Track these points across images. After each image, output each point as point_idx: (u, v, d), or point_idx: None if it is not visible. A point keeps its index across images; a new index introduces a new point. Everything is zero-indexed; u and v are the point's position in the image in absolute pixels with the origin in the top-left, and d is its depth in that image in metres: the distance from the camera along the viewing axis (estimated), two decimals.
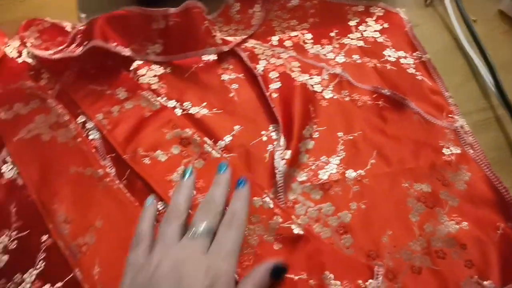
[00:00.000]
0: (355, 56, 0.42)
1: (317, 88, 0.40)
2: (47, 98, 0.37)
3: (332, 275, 0.27)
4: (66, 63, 0.40)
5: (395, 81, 0.40)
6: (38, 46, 0.42)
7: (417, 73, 0.41)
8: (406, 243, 0.30)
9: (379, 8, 0.47)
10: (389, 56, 0.42)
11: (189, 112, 0.38)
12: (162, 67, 0.41)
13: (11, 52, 0.41)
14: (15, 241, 0.30)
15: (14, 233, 0.30)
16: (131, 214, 0.30)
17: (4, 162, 0.34)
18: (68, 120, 0.36)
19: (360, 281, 0.26)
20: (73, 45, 0.40)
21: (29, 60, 0.41)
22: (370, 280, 0.26)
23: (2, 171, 0.33)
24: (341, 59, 0.42)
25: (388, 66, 0.41)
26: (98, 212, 0.31)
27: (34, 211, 0.31)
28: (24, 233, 0.30)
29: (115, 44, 0.39)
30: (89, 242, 0.29)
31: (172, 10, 0.40)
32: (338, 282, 0.27)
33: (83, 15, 0.44)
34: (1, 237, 0.30)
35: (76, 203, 0.31)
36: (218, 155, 0.34)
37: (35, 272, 0.28)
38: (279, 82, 0.39)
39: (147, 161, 0.33)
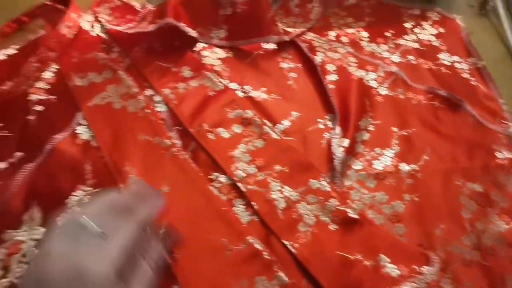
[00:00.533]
0: (410, 57, 0.44)
1: (373, 84, 0.41)
2: (118, 70, 0.40)
3: (388, 258, 0.28)
4: (136, 40, 0.42)
5: (450, 84, 0.41)
6: (110, 22, 0.44)
7: (472, 78, 0.42)
8: (458, 237, 0.31)
9: (436, 13, 0.48)
10: (444, 59, 0.43)
11: (250, 95, 0.39)
12: (224, 51, 0.43)
13: (84, 25, 0.44)
14: (89, 197, 0.32)
15: (89, 189, 0.32)
16: (196, 183, 0.32)
17: (79, 124, 0.36)
18: (137, 92, 0.38)
19: (415, 266, 0.28)
20: (145, 22, 0.43)
21: (102, 35, 0.44)
22: (425, 266, 0.28)
23: (78, 132, 0.36)
24: (396, 58, 0.43)
25: (443, 69, 0.42)
26: (165, 178, 0.33)
27: (106, 171, 0.33)
28: (97, 189, 0.32)
29: (184, 24, 0.41)
30: None
31: None
32: (394, 266, 0.28)
33: None
34: (77, 191, 0.32)
35: (145, 167, 0.33)
36: (277, 137, 0.36)
37: None
38: (336, 75, 0.41)
39: (211, 136, 0.35)
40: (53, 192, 0.32)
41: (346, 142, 0.35)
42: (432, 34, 0.46)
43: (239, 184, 0.32)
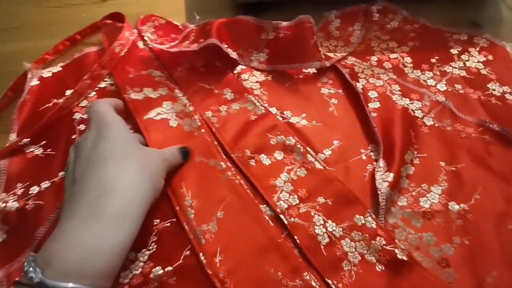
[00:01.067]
0: (458, 86, 0.42)
1: (418, 113, 0.39)
2: (175, 88, 0.40)
3: None
4: (179, 59, 0.43)
5: (501, 117, 0.39)
6: (154, 41, 0.45)
7: None
8: (511, 286, 0.29)
9: (484, 39, 0.46)
10: (494, 90, 0.41)
11: (290, 121, 0.39)
12: (263, 74, 0.43)
13: (139, 44, 0.45)
14: None
15: None
16: (250, 210, 0.32)
17: None
18: (193, 111, 0.38)
19: None
20: (187, 42, 0.43)
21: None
22: None
23: None
24: (442, 86, 0.42)
25: (493, 100, 0.40)
26: (220, 202, 0.32)
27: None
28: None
29: (226, 45, 0.41)
30: (211, 230, 0.31)
31: (284, 23, 0.42)
32: None
33: (198, 17, 0.47)
34: None
35: (201, 191, 0.33)
36: (321, 167, 0.35)
37: (148, 252, 0.30)
38: (378, 102, 0.40)
39: (253, 163, 0.35)
40: None
41: (391, 176, 0.34)
42: (480, 62, 0.44)
43: (282, 216, 0.32)
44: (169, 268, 0.30)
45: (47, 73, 0.43)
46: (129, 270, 0.29)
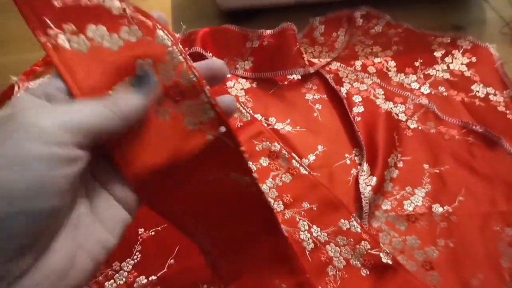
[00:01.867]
0: (441, 88, 0.42)
1: (402, 117, 0.40)
2: None
3: None
4: None
5: (484, 118, 0.39)
6: None
7: (507, 111, 0.40)
8: None
9: (467, 42, 0.46)
10: (478, 91, 0.42)
11: (274, 127, 0.39)
12: (248, 81, 0.43)
13: None
14: None
15: None
16: None
17: None
18: None
19: None
20: None
21: None
22: None
23: None
24: (426, 89, 0.42)
25: (477, 102, 0.41)
26: None
27: None
28: None
29: (210, 54, 0.42)
30: None
31: (268, 31, 0.42)
32: None
33: (184, 26, 0.47)
34: None
35: None
36: (306, 172, 0.35)
37: (132, 262, 0.30)
38: (362, 107, 0.40)
39: None
40: None
41: (374, 180, 0.34)
42: (463, 64, 0.44)
43: None
44: (153, 277, 0.30)
45: (34, 85, 0.44)
46: (113, 280, 0.29)
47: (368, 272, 0.29)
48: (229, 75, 0.43)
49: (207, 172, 0.20)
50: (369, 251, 0.30)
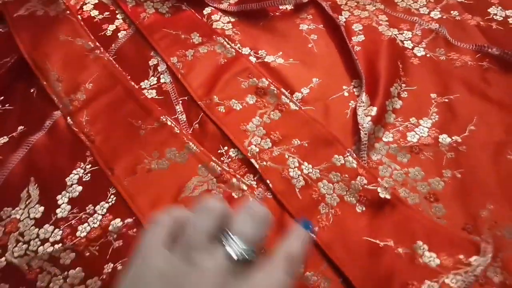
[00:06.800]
0: (454, 12, 0.37)
1: (407, 44, 0.35)
2: None
3: (425, 246, 0.24)
4: (142, 6, 0.39)
5: (502, 43, 0.34)
6: None
7: None
8: (510, 219, 0.26)
9: None
10: (495, 14, 0.36)
11: (264, 60, 0.35)
12: (236, 14, 0.39)
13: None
14: (89, 174, 0.30)
15: (89, 166, 0.30)
16: (120, 80, 0.34)
17: None
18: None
19: (461, 256, 0.23)
20: None
21: (105, 1, 0.40)
22: (475, 257, 0.23)
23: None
24: (436, 14, 0.37)
25: (494, 25, 0.36)
26: (89, 76, 0.34)
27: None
28: (97, 167, 0.30)
29: None
30: (79, 98, 0.33)
31: None
32: (434, 254, 0.24)
33: None
34: (77, 169, 0.30)
35: (67, 66, 0.35)
36: (296, 108, 0.31)
37: (107, 205, 0.28)
38: (363, 35, 0.36)
39: (221, 109, 0.32)
40: (52, 169, 0.30)
41: (374, 110, 0.30)
42: None
43: (252, 161, 0.29)
44: (129, 219, 0.28)
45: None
46: (87, 223, 0.27)
47: (364, 209, 0.26)
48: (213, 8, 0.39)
49: None
50: (365, 186, 0.27)
